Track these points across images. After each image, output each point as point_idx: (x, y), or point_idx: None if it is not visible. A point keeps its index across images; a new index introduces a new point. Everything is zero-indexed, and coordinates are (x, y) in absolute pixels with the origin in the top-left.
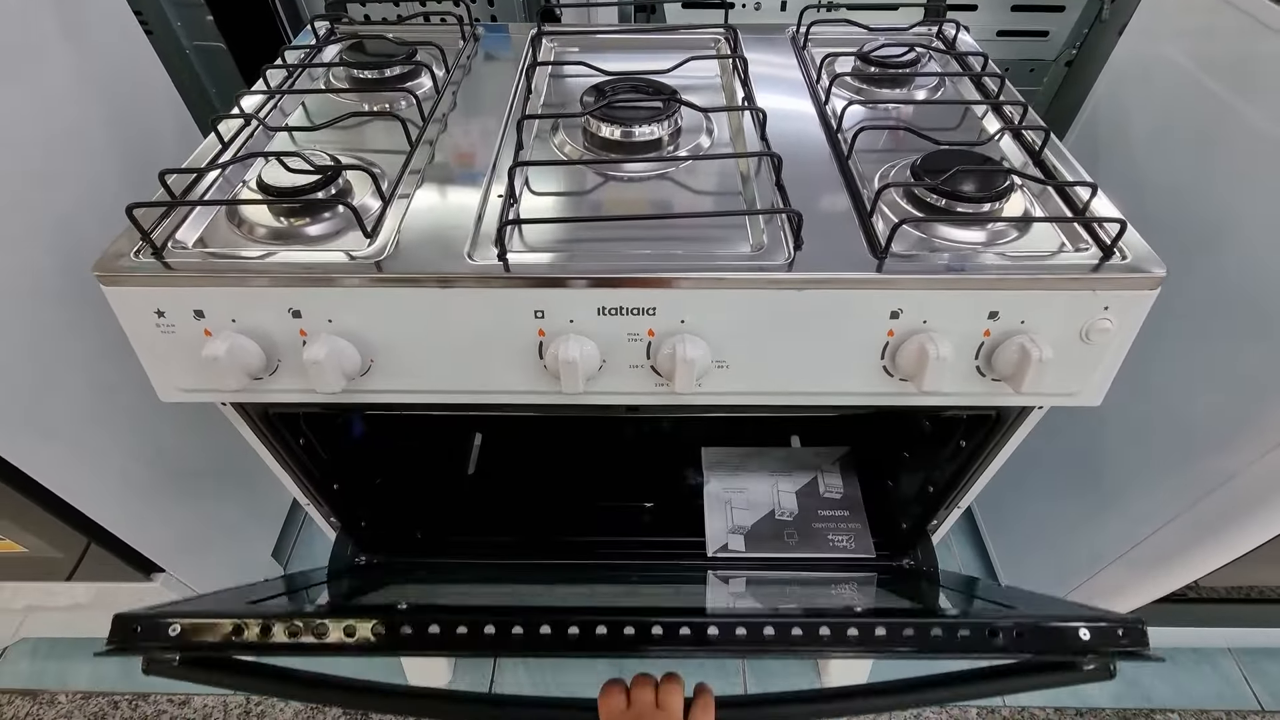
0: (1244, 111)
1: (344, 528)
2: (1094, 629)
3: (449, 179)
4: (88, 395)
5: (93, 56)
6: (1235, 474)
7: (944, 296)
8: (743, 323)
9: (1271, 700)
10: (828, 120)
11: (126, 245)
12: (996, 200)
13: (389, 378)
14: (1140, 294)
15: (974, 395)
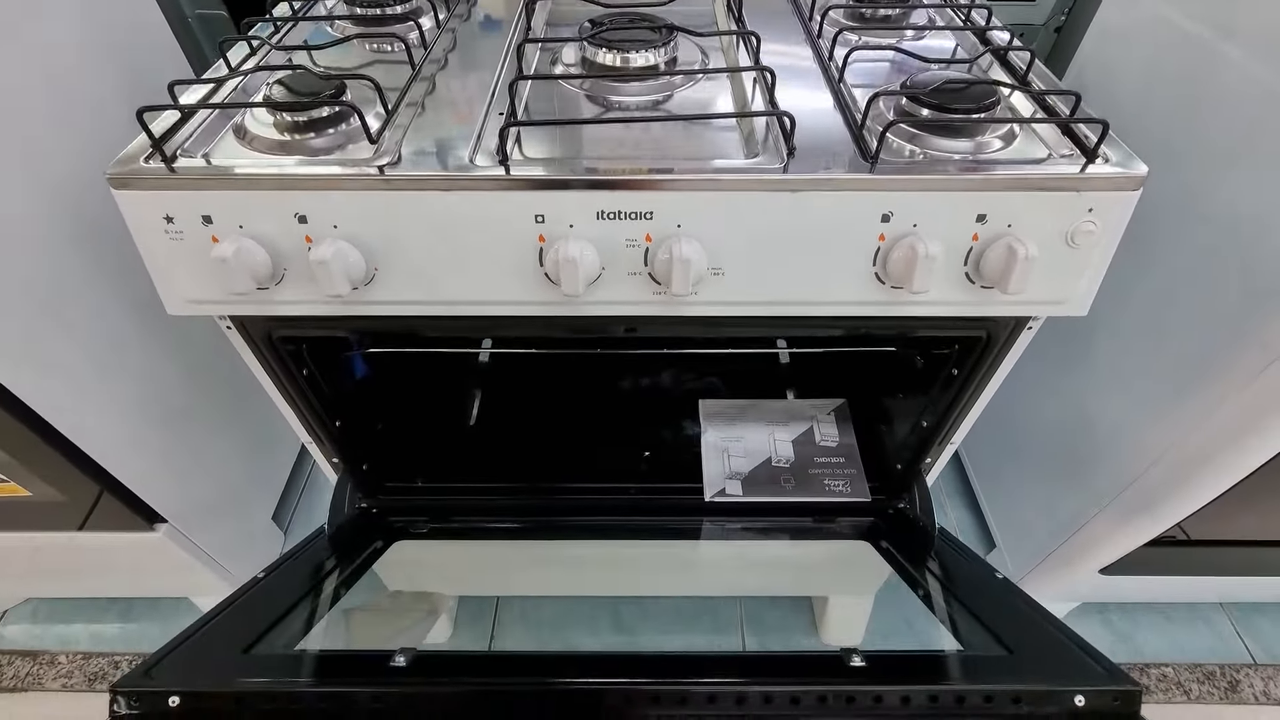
0: (1227, 53)
1: (346, 469)
2: (1088, 694)
3: (451, 98)
4: (96, 341)
5: (104, 25)
6: (1208, 417)
7: (933, 199)
8: (738, 227)
9: (1263, 653)
10: (819, 50)
11: (138, 151)
12: (983, 110)
13: (392, 287)
14: (1123, 195)
15: (964, 304)
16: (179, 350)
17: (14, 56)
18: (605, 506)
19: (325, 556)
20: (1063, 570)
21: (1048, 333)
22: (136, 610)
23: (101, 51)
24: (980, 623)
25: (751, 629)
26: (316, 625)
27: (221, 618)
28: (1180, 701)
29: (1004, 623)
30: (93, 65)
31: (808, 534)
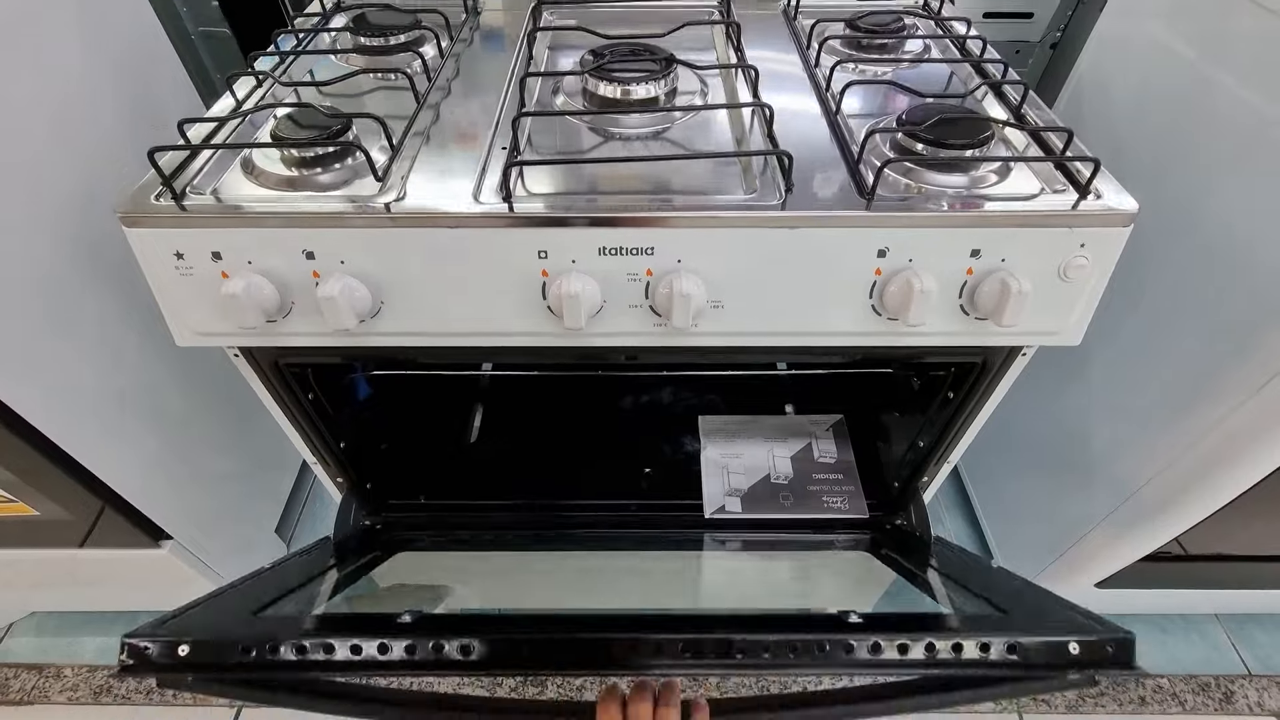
0: (1220, 80)
1: (350, 488)
2: (1083, 643)
3: (454, 133)
4: (103, 366)
5: (104, 40)
6: (1206, 432)
7: (928, 234)
8: (737, 262)
9: (1258, 664)
10: (817, 81)
11: (147, 189)
12: (978, 147)
13: (398, 319)
14: (1114, 230)
15: (958, 334)
16: (182, 366)
17: (16, 77)
18: (606, 522)
19: (329, 557)
20: (1059, 583)
21: (1045, 350)
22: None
23: (104, 70)
24: (973, 593)
25: None
26: (320, 604)
27: (230, 591)
28: (1176, 713)
29: (998, 592)
30: (96, 85)
31: (806, 547)
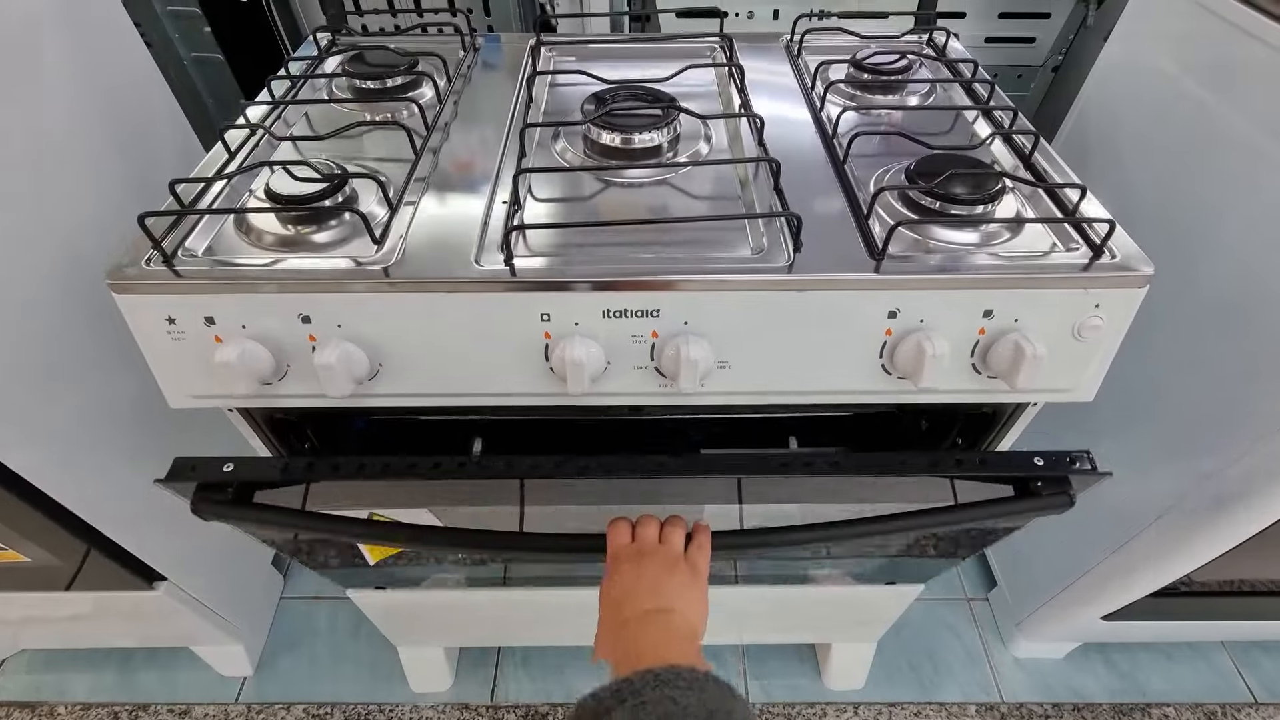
0: (1225, 115)
1: None
2: (1045, 455)
3: (453, 186)
4: (89, 403)
5: (94, 69)
6: (1220, 471)
7: (940, 296)
8: (744, 324)
9: (1264, 692)
10: (823, 126)
11: (137, 253)
12: (989, 202)
13: (397, 381)
14: (1130, 292)
15: (970, 392)
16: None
17: (4, 113)
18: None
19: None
20: (1065, 613)
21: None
22: (135, 660)
23: (95, 103)
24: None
25: (754, 674)
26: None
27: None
28: None
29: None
30: (86, 119)
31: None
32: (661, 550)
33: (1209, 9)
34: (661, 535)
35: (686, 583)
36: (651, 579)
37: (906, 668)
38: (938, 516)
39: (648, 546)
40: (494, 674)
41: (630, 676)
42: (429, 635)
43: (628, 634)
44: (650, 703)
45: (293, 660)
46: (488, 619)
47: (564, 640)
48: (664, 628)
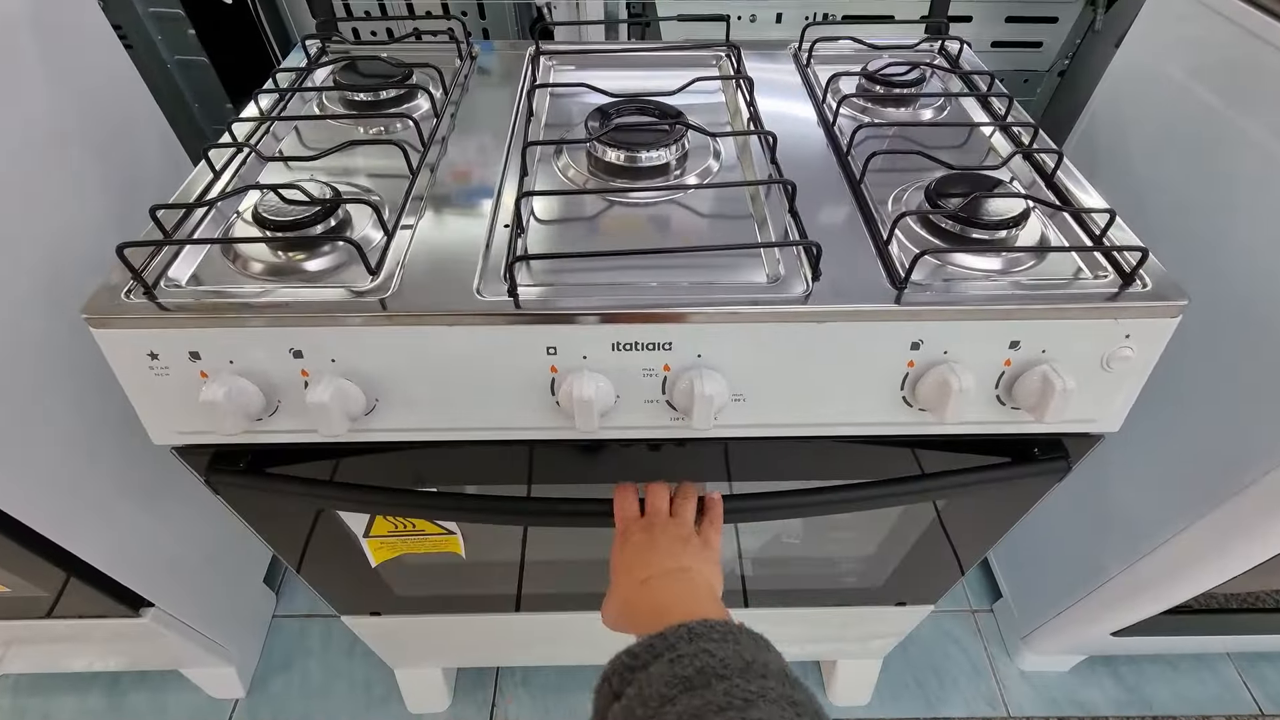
0: (1240, 123)
1: None
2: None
3: (452, 208)
4: (68, 429)
5: (71, 73)
6: (1240, 490)
7: (965, 327)
8: (761, 356)
9: (1270, 704)
10: (836, 142)
11: (117, 284)
12: (1014, 226)
13: (395, 417)
14: (1162, 322)
15: (993, 424)
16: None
17: None
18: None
19: None
20: (1073, 628)
21: None
22: (124, 683)
23: (71, 110)
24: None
25: None
26: None
27: None
28: None
29: None
30: (63, 127)
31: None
32: (672, 524)
33: (1218, 12)
34: (672, 508)
35: (701, 554)
36: (666, 546)
37: (912, 683)
38: (942, 480)
39: (659, 520)
40: (493, 694)
41: (663, 631)
42: (426, 656)
43: (649, 592)
44: (686, 656)
45: (285, 681)
46: (488, 641)
47: (565, 660)
48: (688, 584)
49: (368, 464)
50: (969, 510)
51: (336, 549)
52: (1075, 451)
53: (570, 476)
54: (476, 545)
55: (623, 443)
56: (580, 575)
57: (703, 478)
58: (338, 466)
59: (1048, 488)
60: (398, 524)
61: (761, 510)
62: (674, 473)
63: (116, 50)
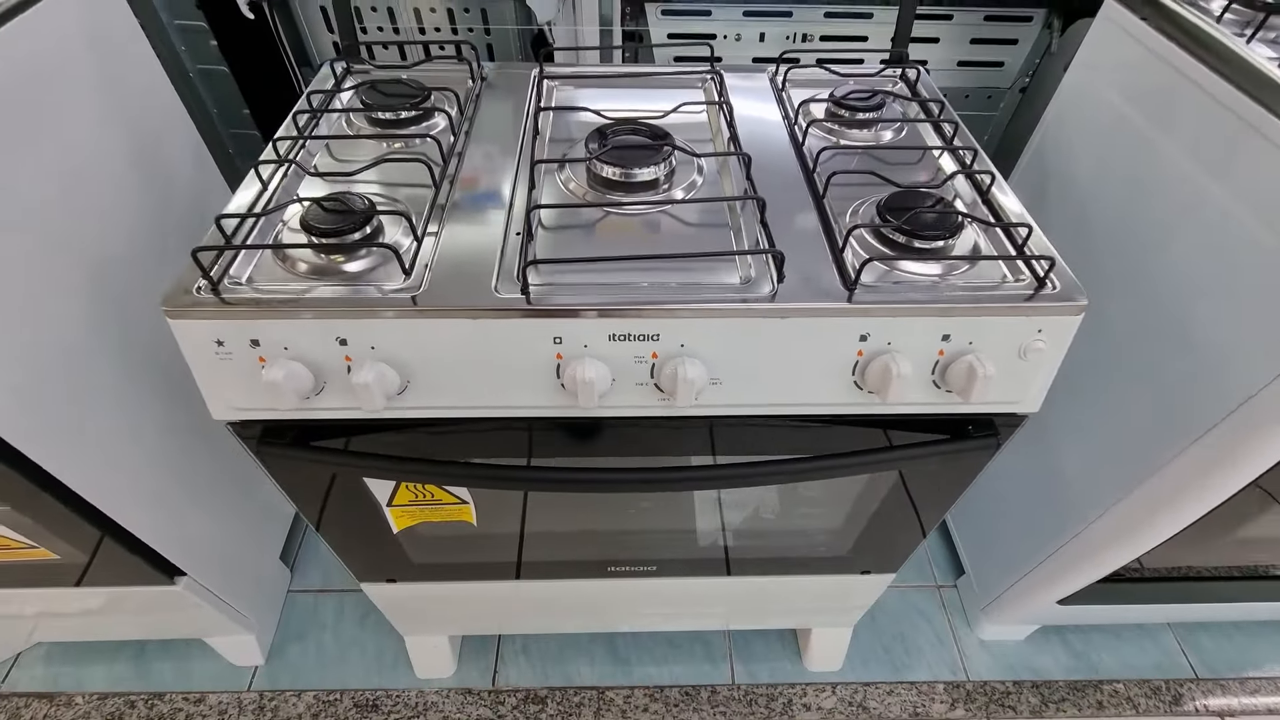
0: (1164, 145)
1: None
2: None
3: (470, 217)
4: (116, 409)
5: (114, 84)
6: (1161, 468)
7: (904, 322)
8: (734, 346)
9: (1204, 669)
10: (804, 161)
11: (187, 282)
12: (949, 238)
13: (424, 396)
14: (1067, 319)
15: (930, 405)
16: (185, 402)
17: (36, 137)
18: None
19: None
20: (1024, 599)
21: None
22: (150, 651)
23: (117, 122)
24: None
25: (740, 658)
26: None
27: None
28: (1130, 715)
29: None
30: (109, 138)
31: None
32: None
33: (1145, 45)
34: None
35: None
36: None
37: (881, 650)
38: (890, 453)
39: None
40: (495, 660)
41: None
42: (435, 624)
43: None
44: None
45: (301, 650)
46: (493, 609)
47: (565, 629)
48: None
49: (395, 439)
50: (919, 483)
51: (362, 518)
52: (1004, 429)
53: (572, 449)
54: (485, 515)
55: (617, 420)
56: (573, 545)
57: (685, 452)
58: (369, 440)
59: (983, 461)
60: (418, 493)
61: (735, 479)
62: (660, 445)
63: (154, 65)
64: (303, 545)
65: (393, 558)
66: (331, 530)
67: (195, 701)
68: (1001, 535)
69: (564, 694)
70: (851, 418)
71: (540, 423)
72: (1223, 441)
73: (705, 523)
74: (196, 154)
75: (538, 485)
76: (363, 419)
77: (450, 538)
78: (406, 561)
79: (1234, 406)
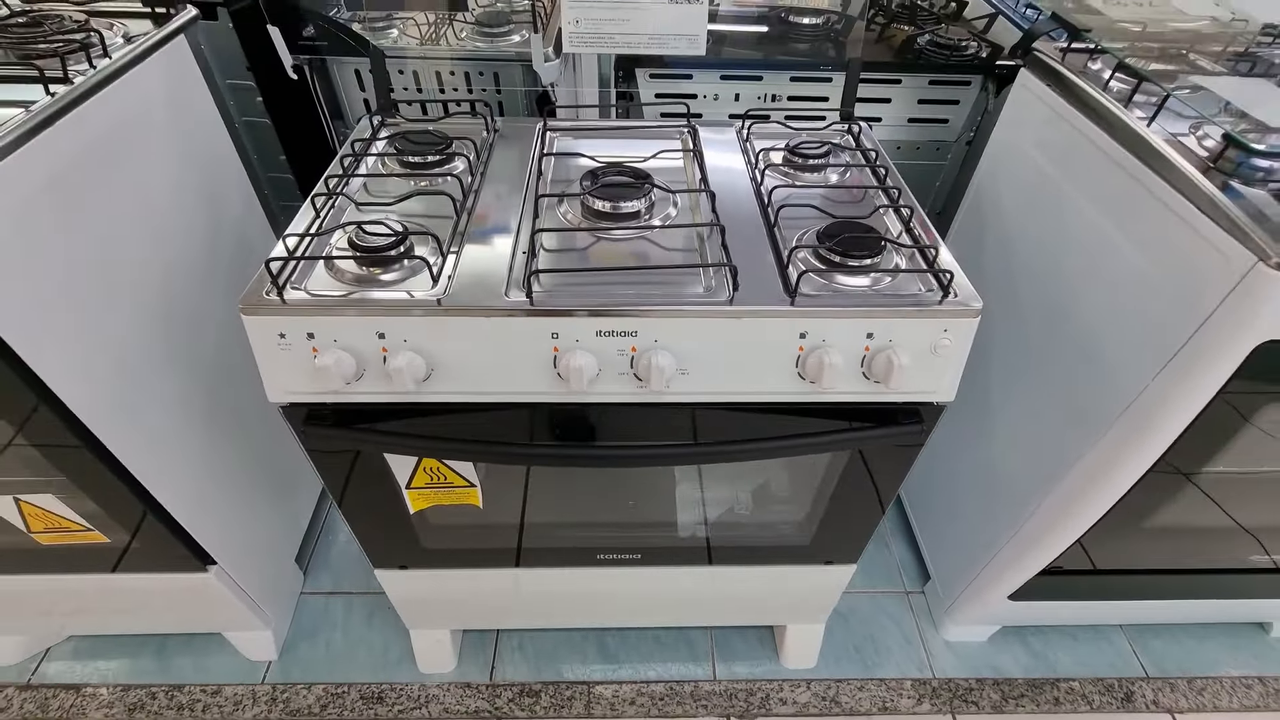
0: (1068, 188)
1: None
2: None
3: (486, 240)
4: (168, 402)
5: (187, 137)
6: (1073, 464)
7: (836, 323)
8: (698, 342)
9: (1154, 668)
10: (761, 198)
11: (258, 287)
12: (874, 256)
13: (445, 382)
14: (966, 320)
15: (861, 394)
16: (227, 406)
17: (134, 175)
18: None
19: None
20: (980, 597)
21: (969, 406)
22: (170, 647)
23: (189, 167)
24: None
25: (721, 656)
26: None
27: None
28: (1084, 711)
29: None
30: (181, 176)
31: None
32: None
33: (1052, 108)
34: None
35: None
36: None
37: (852, 651)
38: (830, 436)
39: None
40: (493, 657)
41: None
42: (440, 618)
43: None
44: None
45: (312, 647)
46: (492, 600)
47: (562, 623)
48: None
49: (418, 423)
50: (864, 471)
51: (383, 499)
52: (928, 417)
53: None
54: (489, 498)
55: (603, 405)
56: (566, 533)
57: (660, 435)
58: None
59: (914, 445)
60: (433, 475)
61: (697, 455)
62: (639, 427)
63: (215, 117)
64: (315, 551)
65: (407, 542)
66: (355, 512)
67: (212, 693)
68: (959, 540)
69: (556, 688)
70: (799, 405)
71: (540, 407)
72: (1121, 435)
73: (683, 515)
74: (244, 192)
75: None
76: (392, 403)
77: (457, 526)
78: (418, 547)
79: (1127, 404)
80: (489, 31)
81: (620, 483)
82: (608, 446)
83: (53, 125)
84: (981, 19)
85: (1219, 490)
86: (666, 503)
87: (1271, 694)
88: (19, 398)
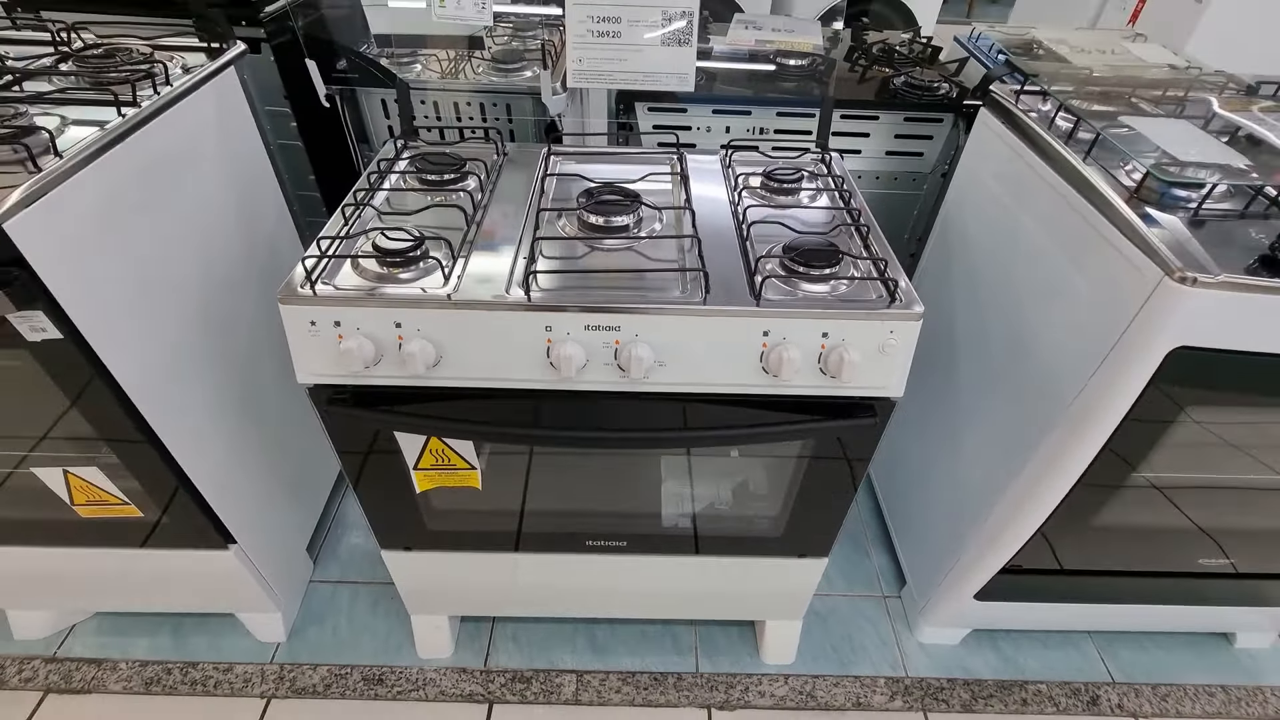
0: (1019, 213)
1: None
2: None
3: (492, 247)
4: (204, 389)
5: (233, 159)
6: (1024, 466)
7: (795, 323)
8: (675, 337)
9: (1120, 674)
10: (736, 215)
11: (294, 281)
12: (831, 266)
13: (452, 368)
14: (910, 323)
15: (819, 388)
16: (253, 398)
17: (192, 191)
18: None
19: None
20: (949, 598)
21: (939, 416)
22: (186, 627)
23: (233, 183)
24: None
25: (704, 650)
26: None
27: None
28: (1051, 712)
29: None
30: (226, 193)
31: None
32: None
33: (1010, 146)
34: None
35: None
36: None
37: (830, 649)
38: (792, 426)
39: None
40: (488, 645)
41: None
42: (440, 603)
43: None
44: None
45: (319, 631)
46: (489, 585)
47: (554, 611)
48: None
49: (427, 406)
50: (827, 464)
51: (392, 479)
52: (881, 410)
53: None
54: (488, 482)
55: (590, 393)
56: (558, 519)
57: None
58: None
59: (867, 436)
60: (438, 457)
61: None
62: (621, 414)
63: (257, 141)
64: (326, 542)
65: (412, 523)
66: (367, 490)
67: (224, 670)
68: (932, 546)
69: (547, 675)
70: (764, 397)
71: (533, 394)
72: (1065, 433)
73: (666, 506)
74: (277, 207)
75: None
76: (404, 386)
77: (459, 510)
78: (423, 528)
79: (1069, 403)
80: (503, 67)
81: (607, 472)
82: (591, 430)
83: (123, 141)
84: (954, 63)
85: (1171, 492)
86: (651, 494)
87: (1233, 701)
88: (83, 381)
